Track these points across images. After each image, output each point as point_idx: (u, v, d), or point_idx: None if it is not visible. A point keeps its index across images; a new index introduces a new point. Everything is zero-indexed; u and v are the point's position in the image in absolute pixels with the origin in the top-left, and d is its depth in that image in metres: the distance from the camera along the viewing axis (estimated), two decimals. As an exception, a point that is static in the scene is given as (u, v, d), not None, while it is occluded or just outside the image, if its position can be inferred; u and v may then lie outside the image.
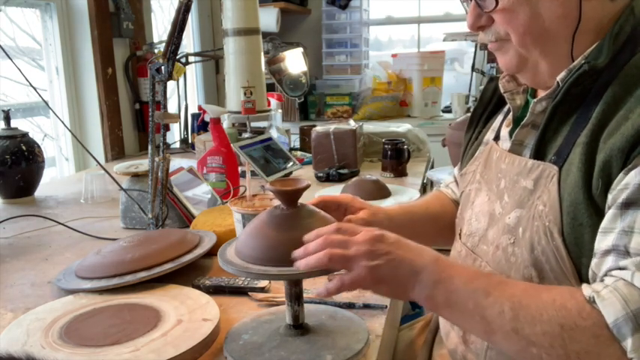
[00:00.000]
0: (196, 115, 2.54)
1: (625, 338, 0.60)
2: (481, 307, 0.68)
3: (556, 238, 0.73)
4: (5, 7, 2.09)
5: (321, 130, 1.93)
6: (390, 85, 3.61)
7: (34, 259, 1.21)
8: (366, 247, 0.70)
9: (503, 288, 0.68)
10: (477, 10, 0.80)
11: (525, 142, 0.84)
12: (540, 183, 0.77)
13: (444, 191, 1.16)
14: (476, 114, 1.03)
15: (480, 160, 0.95)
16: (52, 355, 0.76)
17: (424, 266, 0.70)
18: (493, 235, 0.84)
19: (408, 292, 0.71)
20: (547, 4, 0.75)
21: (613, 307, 0.61)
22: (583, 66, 0.73)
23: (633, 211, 0.64)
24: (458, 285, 0.69)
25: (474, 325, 0.70)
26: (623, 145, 0.66)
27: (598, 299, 0.62)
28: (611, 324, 0.61)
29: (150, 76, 1.24)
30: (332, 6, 3.70)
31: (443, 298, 0.70)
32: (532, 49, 0.79)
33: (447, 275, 0.70)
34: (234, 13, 2.05)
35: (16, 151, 1.67)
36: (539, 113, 0.81)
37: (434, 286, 0.70)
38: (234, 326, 0.84)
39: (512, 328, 0.65)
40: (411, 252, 0.72)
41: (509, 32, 0.78)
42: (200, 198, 1.44)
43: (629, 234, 0.64)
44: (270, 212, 0.80)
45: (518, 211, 0.80)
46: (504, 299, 0.67)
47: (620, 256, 0.64)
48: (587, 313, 0.62)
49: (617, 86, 0.72)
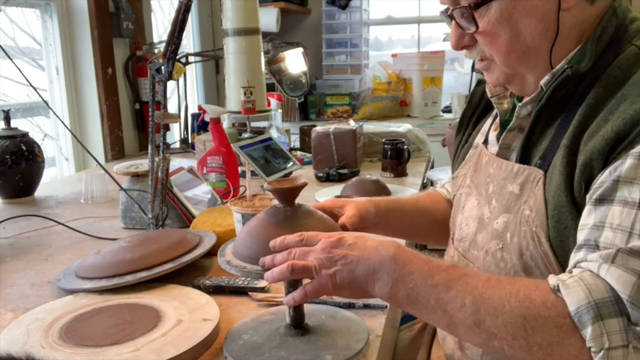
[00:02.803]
0: (196, 115, 2.54)
1: (585, 327, 0.60)
2: (442, 301, 0.67)
3: (543, 243, 0.73)
4: (5, 7, 2.09)
5: (321, 130, 1.94)
6: (390, 85, 3.61)
7: (34, 259, 1.21)
8: (324, 254, 0.71)
9: (465, 281, 0.68)
10: (459, 31, 0.80)
11: (512, 145, 0.84)
12: (526, 187, 0.77)
13: (439, 190, 1.16)
14: (465, 117, 1.03)
15: (470, 164, 0.95)
16: (52, 355, 0.76)
17: (381, 264, 0.70)
18: (482, 239, 0.84)
19: (369, 291, 0.71)
20: (527, 22, 0.75)
21: (576, 295, 0.61)
22: (566, 70, 0.73)
23: (605, 206, 0.65)
24: (418, 280, 0.69)
25: (437, 320, 0.69)
26: (602, 147, 0.66)
27: (562, 287, 0.62)
28: (572, 312, 0.61)
29: (150, 76, 1.24)
30: (332, 6, 3.70)
31: (404, 295, 0.69)
32: (517, 67, 0.79)
33: (406, 271, 0.69)
34: (234, 13, 2.05)
35: (16, 151, 1.66)
36: (525, 117, 0.81)
37: (394, 284, 0.69)
38: (234, 326, 0.84)
39: (474, 321, 0.65)
40: (367, 251, 0.71)
41: (493, 54, 0.79)
42: (200, 198, 1.44)
43: (600, 228, 0.64)
44: (268, 211, 0.80)
45: (505, 216, 0.80)
46: (466, 293, 0.66)
47: (589, 250, 0.65)
48: (551, 302, 0.62)
49: (600, 88, 0.71)
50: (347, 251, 0.71)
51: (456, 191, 0.97)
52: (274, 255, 0.74)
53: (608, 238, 0.63)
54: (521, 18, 0.74)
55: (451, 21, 0.80)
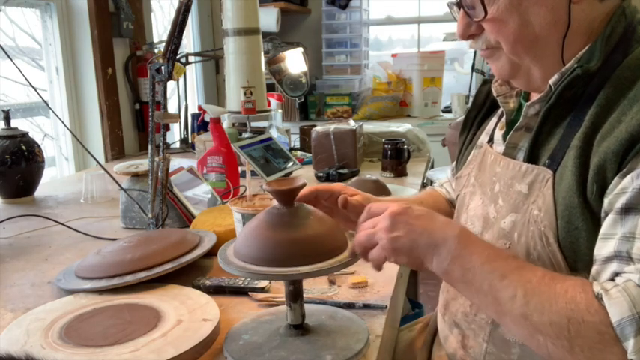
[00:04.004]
0: (196, 115, 2.54)
1: (627, 339, 0.60)
2: (495, 288, 0.68)
3: (552, 244, 0.73)
4: (5, 7, 2.09)
5: (321, 130, 1.94)
6: (390, 85, 3.61)
7: (34, 259, 1.21)
8: (388, 220, 0.73)
9: (520, 272, 0.68)
10: (466, 19, 0.80)
11: (519, 145, 0.84)
12: (535, 187, 0.76)
13: (438, 190, 1.16)
14: (469, 117, 1.02)
15: (475, 164, 0.94)
16: (52, 355, 0.76)
17: (445, 240, 0.71)
18: (488, 239, 0.84)
19: (426, 263, 0.73)
20: (536, 10, 0.74)
21: (620, 306, 0.60)
22: (576, 70, 0.73)
23: (633, 216, 0.64)
24: (475, 263, 0.70)
25: (487, 304, 0.70)
26: (617, 148, 0.66)
27: (605, 297, 0.62)
28: (615, 323, 0.60)
29: (150, 76, 1.24)
30: (332, 6, 3.70)
31: (459, 274, 0.71)
32: (524, 56, 0.79)
33: (467, 252, 0.70)
34: (234, 13, 2.05)
35: (16, 151, 1.66)
36: (533, 116, 0.81)
37: (452, 261, 0.71)
38: (234, 326, 0.84)
39: (522, 313, 0.66)
40: (433, 225, 0.73)
41: (500, 41, 0.78)
42: (200, 198, 1.44)
43: (631, 240, 0.64)
44: (268, 212, 0.80)
45: (513, 215, 0.79)
46: (519, 284, 0.67)
47: (623, 262, 0.64)
48: (594, 309, 0.62)
49: (610, 88, 0.71)
50: (413, 220, 0.73)
51: (460, 191, 0.97)
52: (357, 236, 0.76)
53: None
54: (531, 7, 0.74)
55: (459, 10, 0.80)
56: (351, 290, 0.98)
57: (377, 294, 0.97)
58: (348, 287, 0.99)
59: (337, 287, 0.99)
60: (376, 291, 0.98)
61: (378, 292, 0.97)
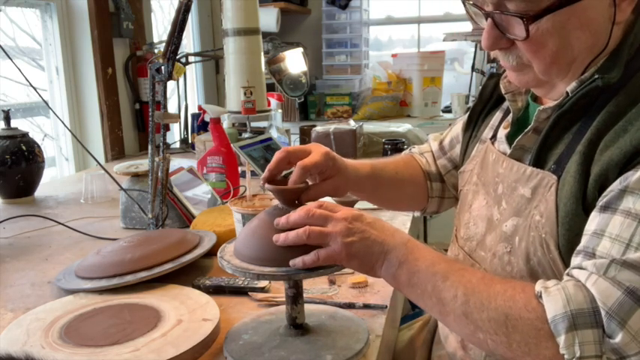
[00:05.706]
0: (196, 115, 2.54)
1: (559, 334, 0.62)
2: (438, 289, 0.70)
3: (552, 251, 0.73)
4: (5, 7, 2.09)
5: (321, 130, 1.94)
6: (390, 85, 3.61)
7: (34, 259, 1.21)
8: (344, 224, 0.73)
9: (461, 274, 0.71)
10: (496, 32, 0.75)
11: (527, 147, 0.82)
12: (538, 192, 0.76)
13: (417, 158, 1.12)
14: (475, 111, 1.00)
15: (477, 160, 0.94)
16: (52, 355, 0.76)
17: (394, 247, 0.74)
18: (491, 241, 0.84)
19: (376, 269, 0.75)
20: (578, 34, 0.72)
21: (555, 303, 0.63)
22: (596, 80, 0.71)
23: (607, 214, 0.65)
24: (420, 267, 0.72)
25: (431, 306, 0.72)
26: (619, 159, 0.66)
27: (544, 294, 0.64)
28: (549, 319, 0.62)
29: (150, 76, 1.24)
30: (332, 6, 3.70)
31: (406, 278, 0.73)
32: (555, 77, 0.77)
33: (412, 257, 0.73)
34: (234, 13, 2.05)
35: (16, 151, 1.66)
36: (543, 120, 0.80)
37: (399, 266, 0.73)
38: (234, 326, 0.84)
39: (463, 311, 0.68)
40: (384, 233, 0.75)
41: (534, 62, 0.75)
42: (200, 198, 1.44)
43: (600, 237, 0.65)
44: (268, 212, 0.80)
45: (515, 219, 0.79)
46: (460, 284, 0.69)
47: (586, 257, 0.66)
48: (532, 307, 0.64)
49: (623, 96, 0.71)
50: (367, 227, 0.74)
51: (463, 187, 0.97)
52: (289, 214, 0.75)
53: (605, 248, 0.64)
54: (574, 30, 0.72)
55: (486, 20, 0.75)
56: (351, 290, 0.98)
57: (377, 294, 0.97)
58: (348, 287, 0.99)
59: (337, 287, 0.99)
60: (376, 291, 0.98)
61: (378, 292, 0.97)
